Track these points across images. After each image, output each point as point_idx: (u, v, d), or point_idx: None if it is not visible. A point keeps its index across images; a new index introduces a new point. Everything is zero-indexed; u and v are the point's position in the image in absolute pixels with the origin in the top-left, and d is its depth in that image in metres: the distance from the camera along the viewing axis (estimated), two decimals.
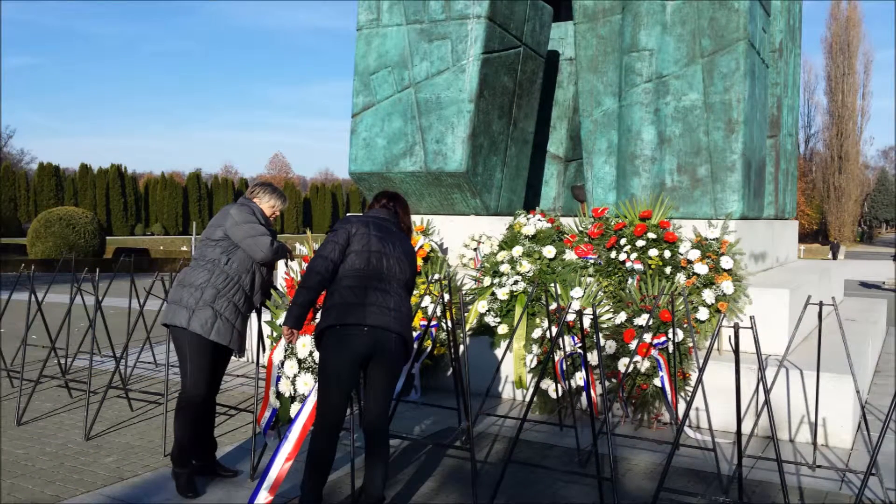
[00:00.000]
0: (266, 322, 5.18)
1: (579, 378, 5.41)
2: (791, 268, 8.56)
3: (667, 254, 6.04)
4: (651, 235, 6.17)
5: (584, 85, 7.68)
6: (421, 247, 6.91)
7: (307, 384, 4.64)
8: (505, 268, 6.49)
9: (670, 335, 5.33)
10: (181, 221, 76.48)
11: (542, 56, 8.67)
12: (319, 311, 3.89)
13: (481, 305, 6.43)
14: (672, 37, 7.01)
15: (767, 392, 3.86)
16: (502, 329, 6.26)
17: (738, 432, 3.69)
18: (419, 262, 6.77)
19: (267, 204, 4.51)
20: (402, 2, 7.92)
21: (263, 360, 4.82)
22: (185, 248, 49.56)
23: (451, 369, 6.11)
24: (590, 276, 6.30)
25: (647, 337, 5.40)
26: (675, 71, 7.00)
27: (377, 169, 7.98)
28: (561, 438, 5.20)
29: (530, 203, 9.27)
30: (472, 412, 4.38)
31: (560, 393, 5.53)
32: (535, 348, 5.89)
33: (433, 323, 6.09)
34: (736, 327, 3.63)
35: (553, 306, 5.70)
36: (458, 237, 7.68)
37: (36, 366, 7.01)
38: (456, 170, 7.58)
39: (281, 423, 4.68)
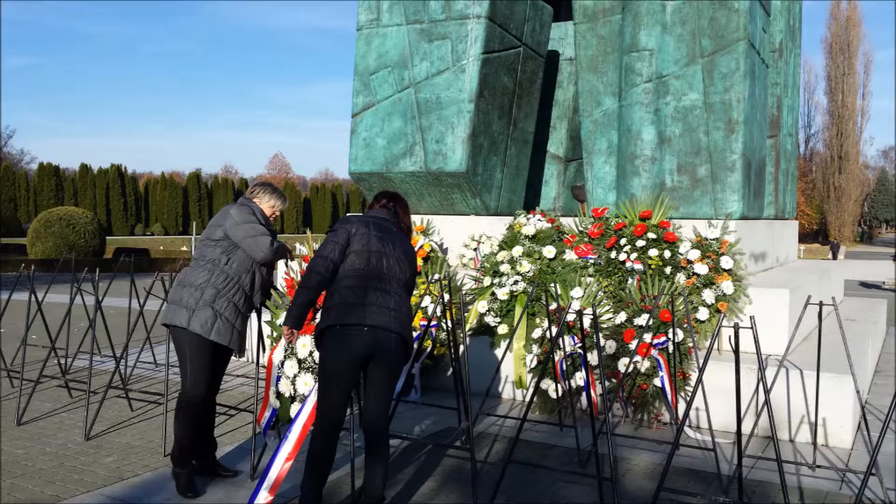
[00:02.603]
0: (266, 322, 5.17)
1: (579, 378, 5.41)
2: (791, 268, 8.56)
3: (667, 254, 6.04)
4: (651, 235, 6.17)
5: (584, 85, 7.68)
6: (421, 247, 6.91)
7: (307, 384, 4.64)
8: (505, 268, 6.49)
9: (670, 335, 5.33)
10: (181, 221, 76.47)
11: (542, 56, 8.67)
12: (319, 311, 3.89)
13: (481, 305, 6.43)
14: (672, 37, 7.02)
15: (767, 392, 3.86)
16: (502, 329, 6.26)
17: (738, 432, 3.69)
18: (419, 262, 6.77)
19: (267, 204, 4.51)
20: (402, 2, 7.92)
21: (263, 360, 4.82)
22: (185, 248, 49.56)
23: (451, 369, 6.11)
24: (590, 276, 6.30)
25: (647, 337, 5.40)
26: (675, 71, 7.00)
27: (377, 169, 7.98)
28: (561, 438, 5.20)
29: (530, 203, 9.27)
30: (472, 412, 4.39)
31: (560, 393, 5.53)
32: (535, 348, 5.89)
33: (433, 323, 6.09)
34: (736, 327, 3.63)
35: (553, 306, 5.70)
36: (458, 237, 7.68)
37: (36, 366, 7.01)
38: (456, 170, 7.58)
39: (281, 423, 4.68)
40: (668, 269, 5.99)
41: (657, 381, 5.35)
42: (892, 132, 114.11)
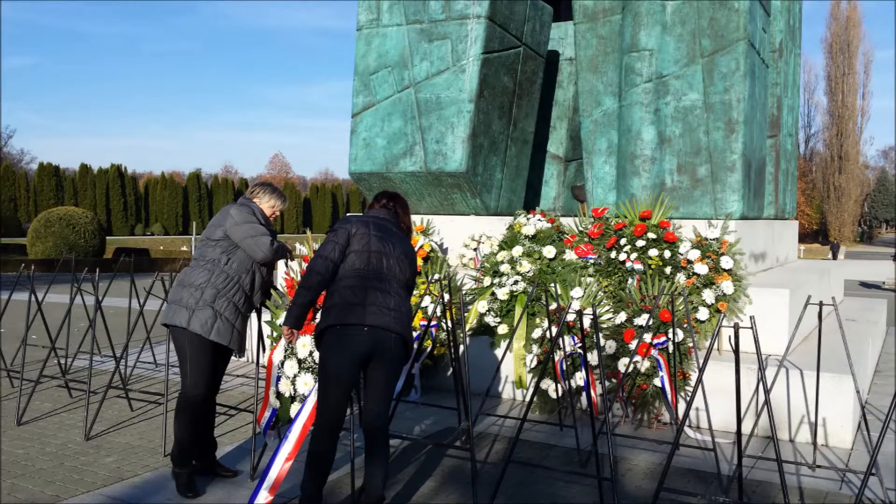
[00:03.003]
0: (266, 322, 5.18)
1: (579, 378, 5.41)
2: (791, 268, 8.56)
3: (667, 254, 6.04)
4: (651, 235, 6.17)
5: (584, 85, 7.68)
6: (421, 247, 6.91)
7: (307, 384, 4.64)
8: (505, 268, 6.49)
9: (670, 335, 5.33)
10: (181, 221, 76.48)
11: (542, 56, 8.67)
12: (319, 311, 3.89)
13: (481, 305, 6.43)
14: (672, 37, 7.01)
15: (767, 392, 3.86)
16: (502, 329, 6.26)
17: (738, 432, 3.69)
18: (419, 262, 6.77)
19: (267, 204, 4.51)
20: (402, 2, 7.92)
21: (263, 360, 4.82)
22: (185, 248, 49.57)
23: (451, 369, 6.11)
24: (590, 276, 6.30)
25: (647, 337, 5.40)
26: (675, 71, 7.00)
27: (377, 169, 7.98)
28: (561, 438, 5.20)
29: (530, 203, 9.27)
30: (472, 412, 4.39)
31: (560, 393, 5.53)
32: (535, 348, 5.89)
33: (433, 323, 6.09)
34: (736, 327, 3.63)
35: (553, 306, 5.70)
36: (458, 237, 7.68)
37: (36, 366, 7.01)
38: (456, 170, 7.58)
39: (281, 423, 4.68)
40: (668, 269, 5.99)
41: (657, 381, 5.35)
42: (892, 132, 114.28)
